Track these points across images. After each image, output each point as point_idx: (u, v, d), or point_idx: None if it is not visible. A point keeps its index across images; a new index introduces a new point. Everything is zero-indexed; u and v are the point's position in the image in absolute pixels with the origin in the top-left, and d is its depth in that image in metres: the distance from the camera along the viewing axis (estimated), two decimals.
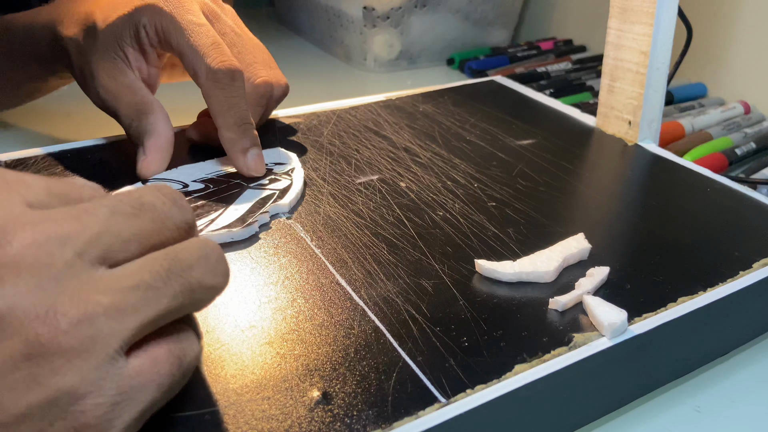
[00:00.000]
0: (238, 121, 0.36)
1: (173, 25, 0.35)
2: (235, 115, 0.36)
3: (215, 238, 0.31)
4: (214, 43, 0.35)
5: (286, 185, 0.36)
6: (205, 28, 0.36)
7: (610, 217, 0.36)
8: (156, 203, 0.21)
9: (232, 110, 0.35)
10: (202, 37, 0.35)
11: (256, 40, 0.42)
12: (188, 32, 0.35)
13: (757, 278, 0.30)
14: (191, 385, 0.23)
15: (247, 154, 0.36)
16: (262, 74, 0.39)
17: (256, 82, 0.39)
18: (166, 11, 0.35)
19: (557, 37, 0.83)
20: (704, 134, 0.56)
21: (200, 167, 0.37)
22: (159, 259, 0.20)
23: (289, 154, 0.39)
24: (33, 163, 0.38)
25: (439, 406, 0.22)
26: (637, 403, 0.29)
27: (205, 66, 0.35)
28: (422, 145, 0.43)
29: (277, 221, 0.34)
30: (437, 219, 0.34)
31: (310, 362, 0.24)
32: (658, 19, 0.41)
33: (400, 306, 0.27)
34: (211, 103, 0.35)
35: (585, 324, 0.27)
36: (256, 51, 0.41)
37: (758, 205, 0.37)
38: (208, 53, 0.35)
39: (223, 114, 0.35)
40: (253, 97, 0.39)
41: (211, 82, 0.35)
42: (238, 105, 0.36)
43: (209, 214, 0.33)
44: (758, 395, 0.30)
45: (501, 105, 0.50)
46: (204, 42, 0.35)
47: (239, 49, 0.39)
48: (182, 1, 0.36)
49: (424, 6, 0.73)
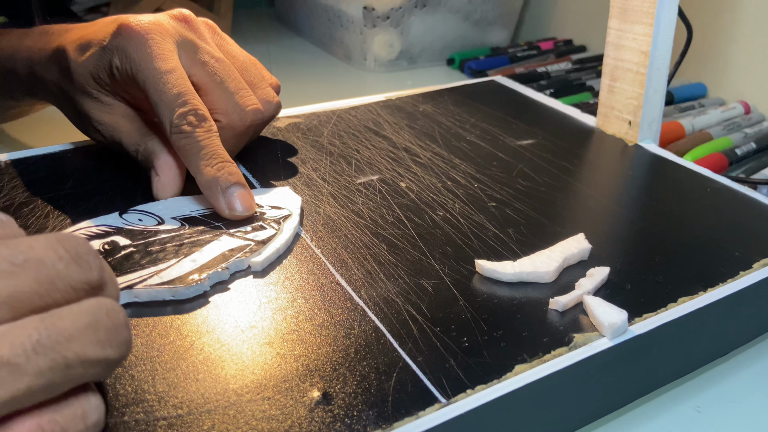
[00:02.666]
0: (211, 162, 0.33)
1: (140, 74, 0.33)
2: (206, 157, 0.33)
3: (153, 295, 0.27)
4: (179, 94, 0.33)
5: (269, 236, 0.31)
6: (173, 75, 0.33)
7: (610, 217, 0.36)
8: (46, 259, 0.18)
9: (200, 153, 0.32)
10: (167, 88, 0.33)
11: (241, 57, 0.39)
12: (153, 84, 0.33)
13: (757, 278, 0.30)
14: (191, 386, 0.23)
15: (227, 193, 0.32)
16: (250, 102, 0.36)
17: (244, 110, 0.36)
18: (134, 58, 0.33)
19: (557, 37, 0.83)
20: (704, 134, 0.56)
21: (188, 202, 0.34)
22: (27, 329, 0.17)
23: (294, 197, 0.35)
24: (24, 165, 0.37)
25: (439, 406, 0.22)
26: (638, 403, 0.29)
27: (170, 121, 0.33)
28: (422, 145, 0.43)
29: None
30: (437, 219, 0.34)
31: (310, 362, 0.24)
32: (658, 19, 0.41)
33: (400, 306, 0.27)
34: (182, 155, 0.33)
35: (585, 324, 0.27)
36: (243, 70, 0.38)
37: (758, 205, 0.37)
38: (172, 107, 0.33)
39: (193, 160, 0.33)
40: (240, 127, 0.36)
41: (175, 135, 0.33)
42: (209, 146, 0.33)
43: (163, 261, 0.29)
44: (758, 395, 0.30)
45: (501, 105, 0.50)
46: (167, 96, 0.33)
47: (222, 76, 0.36)
48: (150, 44, 0.33)
49: (424, 6, 0.73)
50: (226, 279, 0.29)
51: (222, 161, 0.33)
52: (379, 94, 0.51)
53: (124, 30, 0.34)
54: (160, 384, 0.23)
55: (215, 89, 0.36)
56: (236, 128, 0.36)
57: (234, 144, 0.37)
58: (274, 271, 0.30)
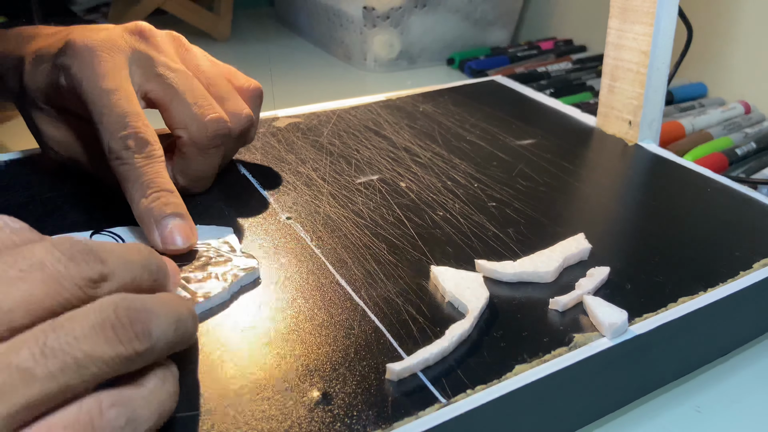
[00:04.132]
0: (146, 191, 0.30)
1: (83, 94, 0.31)
2: (143, 186, 0.30)
3: None
4: (122, 114, 0.30)
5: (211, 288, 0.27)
6: (115, 96, 0.31)
7: (610, 217, 0.36)
8: (47, 262, 0.18)
9: (138, 181, 0.30)
10: (108, 109, 0.31)
11: (209, 70, 0.36)
12: (96, 103, 0.31)
13: (757, 278, 0.30)
14: (190, 386, 0.23)
15: (160, 225, 0.29)
16: (210, 111, 0.33)
17: (204, 120, 0.33)
18: (78, 77, 0.31)
19: (557, 37, 0.83)
20: (704, 134, 0.56)
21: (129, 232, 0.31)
22: (36, 333, 0.17)
23: (231, 235, 0.32)
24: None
25: (439, 406, 0.22)
26: (638, 403, 0.29)
27: (107, 146, 0.30)
28: (422, 145, 0.43)
29: (277, 221, 0.34)
30: (437, 219, 0.34)
31: (310, 362, 0.24)
32: (658, 19, 0.41)
33: (400, 306, 0.27)
34: (120, 180, 0.31)
35: (585, 324, 0.27)
36: (210, 84, 0.35)
37: (758, 205, 0.37)
38: (111, 129, 0.30)
39: (128, 189, 0.30)
40: (202, 140, 0.33)
41: (113, 162, 0.30)
42: (146, 174, 0.30)
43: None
44: (758, 395, 0.30)
45: (501, 105, 0.50)
46: (108, 119, 0.30)
47: (182, 87, 0.33)
48: (96, 62, 0.32)
49: (424, 6, 0.73)
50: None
51: (158, 190, 0.30)
52: (379, 94, 0.51)
53: (70, 47, 0.32)
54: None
55: (173, 102, 0.33)
56: (199, 142, 0.33)
57: (202, 161, 0.34)
58: (274, 271, 0.30)
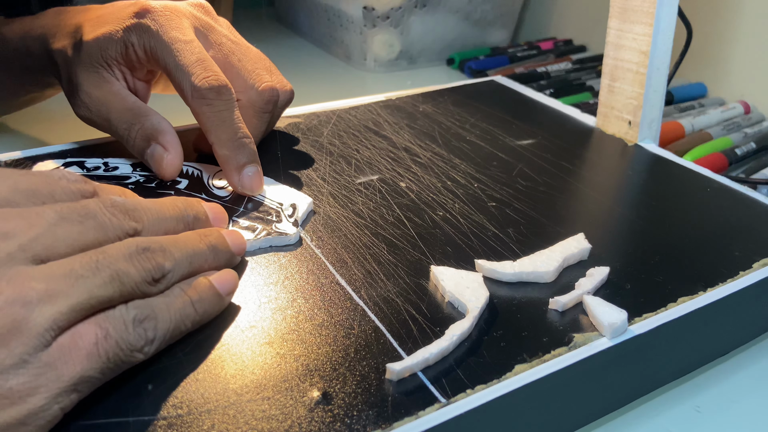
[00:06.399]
0: (231, 136, 0.34)
1: (159, 45, 0.35)
2: (227, 131, 0.34)
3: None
4: (200, 60, 0.34)
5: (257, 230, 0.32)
6: (192, 44, 0.35)
7: (610, 217, 0.36)
8: (98, 213, 0.24)
9: (222, 126, 0.34)
10: (187, 54, 0.34)
11: (256, 49, 0.41)
12: (174, 51, 0.34)
13: (757, 278, 0.30)
14: (190, 385, 0.23)
15: (242, 172, 0.34)
16: (266, 80, 0.38)
17: (260, 88, 0.38)
18: (153, 30, 0.35)
19: (557, 37, 0.83)
20: (704, 134, 0.56)
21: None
22: (89, 254, 0.22)
23: (304, 198, 0.35)
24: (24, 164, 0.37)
25: (439, 406, 0.22)
26: (637, 403, 0.29)
27: (190, 84, 0.34)
28: (422, 145, 0.43)
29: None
30: (437, 219, 0.34)
31: (310, 362, 0.24)
32: (658, 19, 0.41)
33: (400, 306, 0.27)
34: (201, 121, 0.34)
35: (585, 324, 0.27)
36: (257, 59, 0.40)
37: (758, 205, 0.37)
38: (193, 71, 0.34)
39: (213, 131, 0.34)
40: (259, 104, 0.38)
41: (197, 100, 0.34)
42: (229, 119, 0.34)
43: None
44: (758, 395, 0.30)
45: (501, 105, 0.50)
46: (188, 60, 0.34)
47: (239, 56, 0.38)
48: (171, 18, 0.36)
49: (424, 6, 0.73)
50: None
51: (241, 138, 0.34)
52: (379, 94, 0.51)
53: (145, 9, 0.36)
54: (160, 384, 0.23)
55: (231, 69, 0.37)
56: (256, 105, 0.38)
57: (256, 125, 0.38)
58: (274, 271, 0.30)
